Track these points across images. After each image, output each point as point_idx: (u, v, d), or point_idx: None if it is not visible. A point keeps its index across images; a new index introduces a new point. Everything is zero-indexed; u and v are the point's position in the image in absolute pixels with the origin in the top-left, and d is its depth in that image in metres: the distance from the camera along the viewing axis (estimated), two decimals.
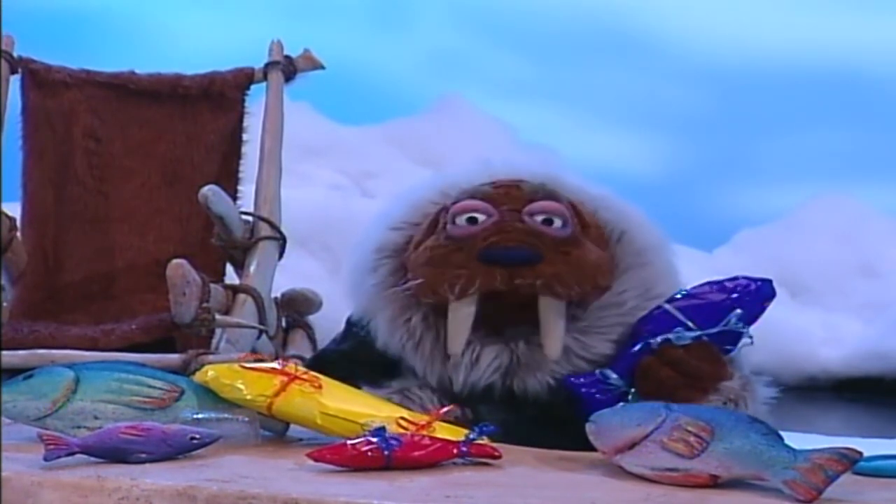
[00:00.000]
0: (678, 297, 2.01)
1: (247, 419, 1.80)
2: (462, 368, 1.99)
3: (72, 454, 1.62)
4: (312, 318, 2.62)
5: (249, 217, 2.47)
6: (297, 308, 2.59)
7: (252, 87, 2.73)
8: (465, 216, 2.03)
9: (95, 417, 1.75)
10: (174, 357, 2.09)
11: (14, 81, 2.68)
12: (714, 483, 1.58)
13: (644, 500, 1.52)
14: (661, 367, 1.95)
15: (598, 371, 1.98)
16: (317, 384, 1.81)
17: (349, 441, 1.64)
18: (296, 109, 2.86)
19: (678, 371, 1.95)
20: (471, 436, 1.71)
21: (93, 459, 1.62)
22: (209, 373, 1.82)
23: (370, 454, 1.62)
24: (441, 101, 15.86)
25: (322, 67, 2.73)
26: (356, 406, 1.81)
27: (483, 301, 1.98)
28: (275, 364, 1.85)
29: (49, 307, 2.59)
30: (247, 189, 2.62)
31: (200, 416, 1.79)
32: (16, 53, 2.68)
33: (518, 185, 2.07)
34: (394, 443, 1.63)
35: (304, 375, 1.83)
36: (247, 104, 2.73)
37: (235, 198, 2.60)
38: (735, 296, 2.00)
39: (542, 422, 1.96)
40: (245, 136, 2.72)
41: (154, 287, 2.47)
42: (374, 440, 1.63)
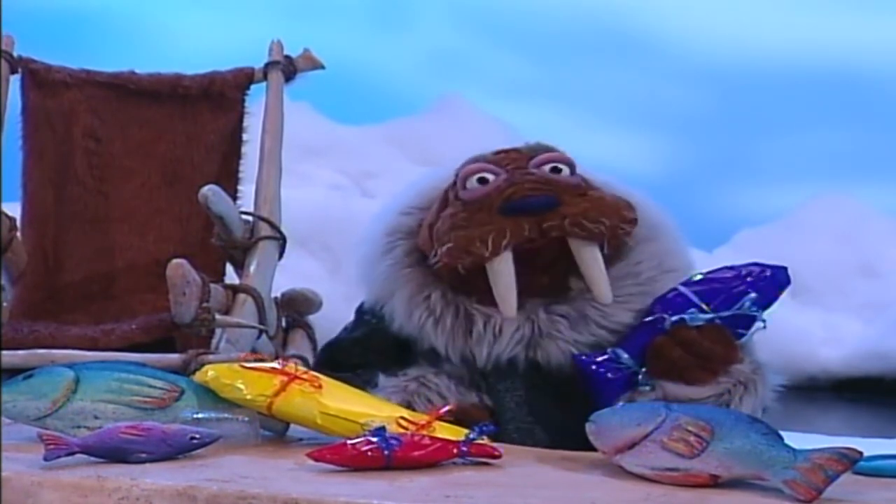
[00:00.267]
0: (693, 280, 2.03)
1: (247, 419, 1.80)
2: (485, 342, 2.00)
3: (72, 454, 1.62)
4: (312, 318, 2.61)
5: (249, 217, 2.46)
6: (297, 308, 2.59)
7: (252, 87, 2.73)
8: (476, 177, 2.05)
9: (95, 417, 1.75)
10: (174, 357, 2.08)
11: (14, 81, 2.68)
12: (714, 483, 1.58)
13: (644, 500, 1.52)
14: (674, 347, 1.96)
15: (610, 350, 1.99)
16: (317, 384, 1.81)
17: (349, 441, 1.64)
18: (296, 109, 2.86)
19: (690, 352, 1.96)
20: (471, 436, 1.71)
21: (93, 459, 1.62)
22: (209, 373, 1.82)
23: (370, 454, 1.62)
24: (441, 101, 15.88)
25: (322, 67, 2.73)
26: (356, 406, 1.81)
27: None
28: (275, 364, 1.85)
29: (49, 307, 2.59)
30: (247, 189, 2.62)
31: (200, 416, 1.79)
32: (16, 53, 2.68)
33: (517, 149, 2.11)
34: (394, 443, 1.63)
35: (304, 375, 1.83)
36: (247, 104, 2.73)
37: (235, 198, 2.60)
38: (750, 280, 2.02)
39: (564, 397, 1.97)
40: (245, 136, 2.71)
41: (154, 287, 2.47)
42: (374, 440, 1.63)
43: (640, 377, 1.98)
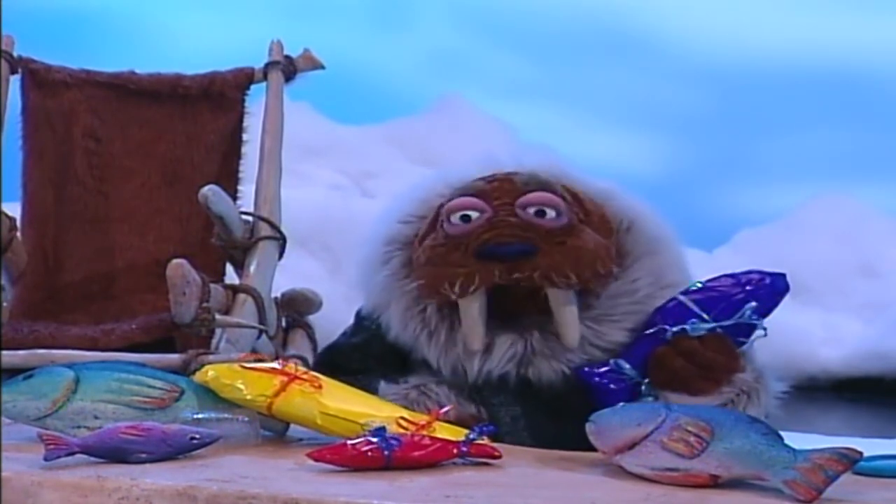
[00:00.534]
0: (693, 289, 2.03)
1: (247, 419, 1.80)
2: (477, 357, 2.00)
3: (72, 454, 1.61)
4: (312, 318, 2.61)
5: (249, 217, 2.46)
6: (297, 308, 2.59)
7: (252, 87, 2.73)
8: (459, 214, 2.04)
9: (95, 417, 1.75)
10: (174, 357, 2.08)
11: (14, 81, 2.68)
12: (714, 483, 1.58)
13: (644, 500, 1.52)
14: (676, 358, 1.96)
15: (612, 361, 1.99)
16: (317, 384, 1.81)
17: (349, 441, 1.64)
18: (296, 109, 2.86)
19: (692, 362, 1.96)
20: (471, 436, 1.71)
21: (93, 459, 1.62)
22: (209, 373, 1.82)
23: (370, 454, 1.62)
24: (441, 101, 15.88)
25: (322, 67, 2.73)
26: (356, 406, 1.81)
27: (493, 292, 1.98)
28: (275, 364, 1.85)
29: (49, 307, 2.59)
30: (247, 189, 2.62)
31: (200, 416, 1.79)
32: (16, 53, 2.68)
33: (510, 179, 2.07)
34: (394, 443, 1.63)
35: (304, 375, 1.83)
36: (247, 104, 2.73)
37: (235, 198, 2.60)
38: (750, 289, 2.01)
39: (557, 412, 1.97)
40: (245, 136, 2.72)
41: (154, 287, 2.47)
42: (374, 440, 1.63)
43: (643, 388, 1.98)
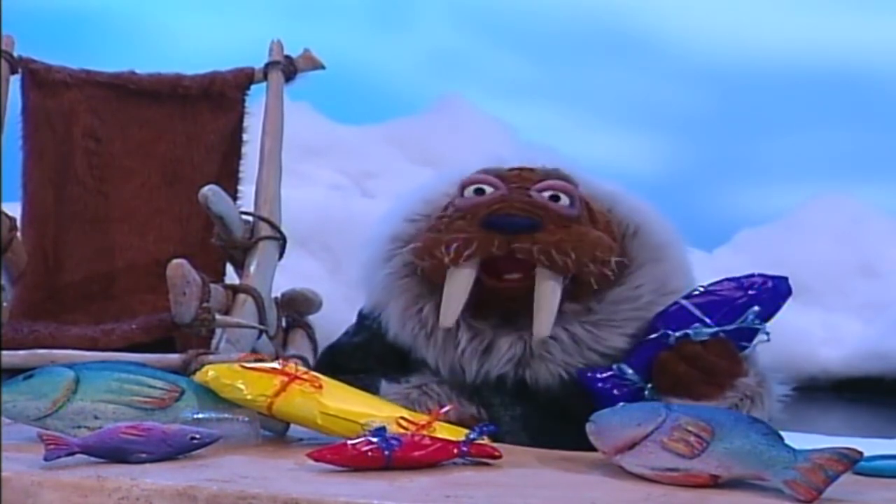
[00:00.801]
0: (695, 294, 2.02)
1: (247, 419, 1.80)
2: (475, 358, 2.00)
3: (72, 454, 1.61)
4: (312, 318, 2.61)
5: (249, 217, 2.46)
6: (297, 308, 2.59)
7: (252, 87, 2.73)
8: (473, 188, 2.05)
9: (95, 417, 1.75)
10: (174, 357, 2.08)
11: (14, 81, 2.68)
12: (714, 483, 1.58)
13: (644, 500, 1.52)
14: (679, 363, 1.96)
15: (615, 366, 1.99)
16: (317, 384, 1.81)
17: (349, 441, 1.64)
18: (296, 109, 2.86)
19: (695, 367, 1.96)
20: (471, 436, 1.71)
21: (93, 459, 1.62)
22: (209, 373, 1.82)
23: (370, 454, 1.62)
24: (441, 101, 15.87)
25: (322, 67, 2.73)
26: (356, 406, 1.80)
27: (490, 290, 1.98)
28: (275, 364, 1.85)
29: (49, 307, 2.59)
30: (247, 189, 2.62)
31: (200, 416, 1.79)
32: (16, 53, 2.68)
33: (532, 169, 2.09)
34: (394, 443, 1.63)
35: (305, 375, 1.83)
36: (247, 104, 2.73)
37: (235, 198, 2.60)
38: (752, 293, 2.01)
39: (555, 415, 1.97)
40: (245, 136, 2.72)
41: (154, 287, 2.47)
42: (374, 440, 1.63)
43: (647, 393, 1.97)
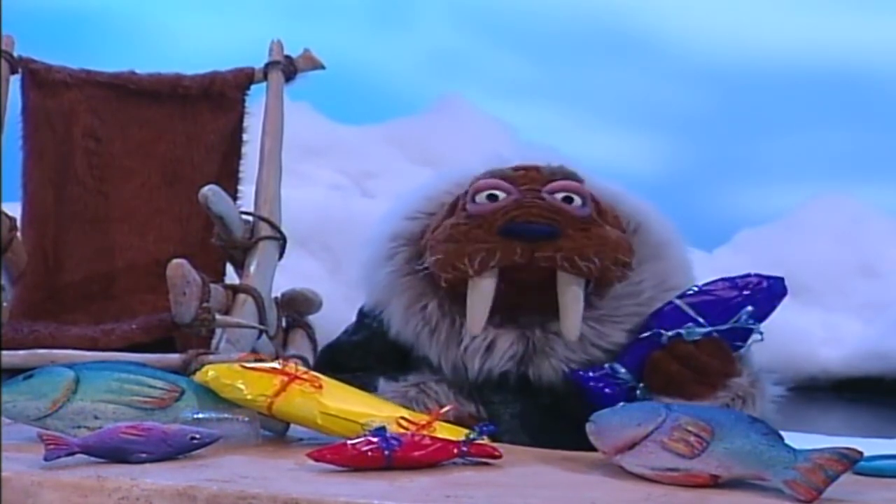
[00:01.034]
0: (689, 293, 2.02)
1: (247, 419, 1.80)
2: (477, 355, 2.00)
3: (72, 454, 1.61)
4: (312, 318, 2.61)
5: (249, 217, 2.46)
6: (297, 308, 2.59)
7: (252, 87, 2.73)
8: (485, 193, 2.04)
9: (95, 417, 1.75)
10: (174, 357, 2.09)
11: (14, 81, 2.68)
12: (714, 483, 1.58)
13: (644, 500, 1.52)
14: (671, 362, 1.96)
15: (608, 365, 1.99)
16: (317, 384, 1.81)
17: (349, 441, 1.64)
18: (296, 109, 2.86)
19: (688, 366, 1.96)
20: (471, 435, 1.71)
21: (93, 459, 1.62)
22: (209, 373, 1.82)
23: (370, 454, 1.62)
24: (441, 101, 15.87)
25: (322, 67, 2.73)
26: (356, 406, 1.81)
27: (499, 285, 1.97)
28: (275, 364, 1.85)
29: (49, 307, 2.59)
30: (247, 189, 2.62)
31: (200, 416, 1.79)
32: (16, 53, 2.68)
33: (538, 168, 2.09)
34: (394, 443, 1.63)
35: (305, 375, 1.83)
36: (247, 104, 2.73)
37: (235, 198, 2.60)
38: (746, 293, 2.01)
39: (557, 412, 1.97)
40: (245, 136, 2.72)
41: (154, 287, 2.47)
42: (375, 440, 1.63)
43: (639, 392, 1.97)
